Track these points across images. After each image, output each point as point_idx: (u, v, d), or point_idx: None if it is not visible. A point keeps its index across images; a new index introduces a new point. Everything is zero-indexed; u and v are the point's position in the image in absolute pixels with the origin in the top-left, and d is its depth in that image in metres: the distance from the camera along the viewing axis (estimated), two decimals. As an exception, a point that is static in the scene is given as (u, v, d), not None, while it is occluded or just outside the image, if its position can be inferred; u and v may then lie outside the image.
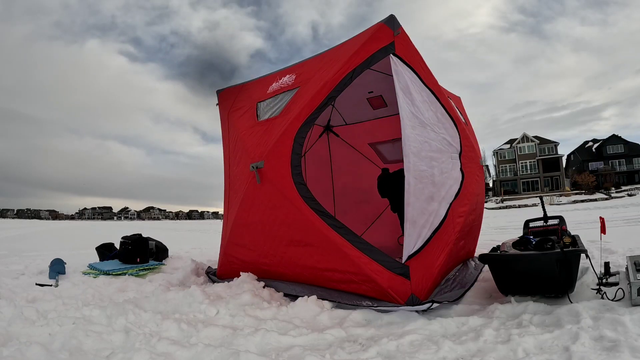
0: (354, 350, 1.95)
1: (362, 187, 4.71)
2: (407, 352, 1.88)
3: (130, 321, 2.29)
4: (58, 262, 4.11)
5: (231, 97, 3.82)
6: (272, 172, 2.85)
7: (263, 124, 3.16)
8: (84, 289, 3.28)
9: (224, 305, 2.57)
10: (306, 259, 2.87)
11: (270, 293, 2.88)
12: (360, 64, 2.72)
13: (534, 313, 2.23)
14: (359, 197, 4.62)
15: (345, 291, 2.72)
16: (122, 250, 4.22)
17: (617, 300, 2.20)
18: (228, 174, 3.65)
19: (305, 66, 3.25)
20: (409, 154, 2.50)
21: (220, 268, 3.54)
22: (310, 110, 2.79)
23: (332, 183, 4.76)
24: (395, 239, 3.88)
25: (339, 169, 4.79)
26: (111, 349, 1.99)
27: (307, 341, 2.07)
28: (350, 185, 4.71)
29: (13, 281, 3.58)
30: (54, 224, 30.46)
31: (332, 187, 4.74)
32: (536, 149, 51.36)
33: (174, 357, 1.89)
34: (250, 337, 2.09)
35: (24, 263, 4.86)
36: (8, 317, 2.38)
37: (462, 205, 2.90)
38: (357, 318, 2.39)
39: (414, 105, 2.61)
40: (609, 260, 2.64)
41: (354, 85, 2.78)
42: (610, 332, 1.79)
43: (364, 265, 2.58)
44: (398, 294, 2.46)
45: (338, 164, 4.81)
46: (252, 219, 3.15)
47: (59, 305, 2.65)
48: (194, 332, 2.19)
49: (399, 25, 2.72)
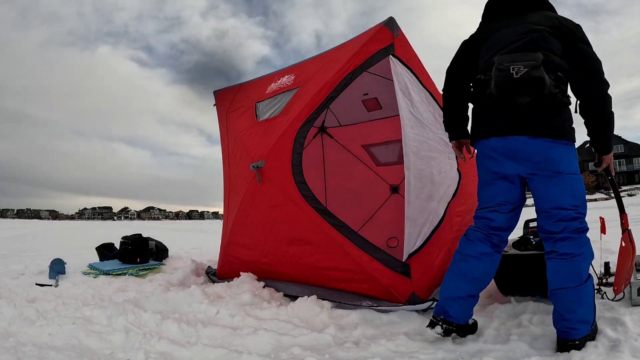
0: (353, 350, 1.95)
1: (354, 189, 4.70)
2: (406, 352, 1.88)
3: (130, 321, 2.29)
4: (58, 262, 4.11)
5: (229, 98, 3.82)
6: (272, 172, 2.85)
7: (262, 124, 3.16)
8: (84, 289, 3.29)
9: (224, 305, 2.57)
10: (307, 257, 2.87)
11: (270, 293, 2.88)
12: (360, 65, 2.72)
13: (534, 313, 2.23)
14: (350, 198, 4.60)
15: (346, 290, 2.72)
16: (122, 250, 4.22)
17: (617, 300, 2.20)
18: (227, 174, 3.66)
19: (305, 67, 3.25)
20: (408, 152, 2.51)
21: (220, 268, 3.54)
22: (310, 110, 2.79)
23: (325, 184, 4.76)
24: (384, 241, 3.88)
25: (331, 170, 4.78)
26: (111, 349, 1.99)
27: (307, 341, 2.07)
28: (342, 187, 4.69)
29: (13, 281, 3.58)
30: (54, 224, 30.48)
31: (325, 188, 4.74)
32: (536, 149, 51.33)
33: (173, 356, 1.89)
34: (250, 337, 2.09)
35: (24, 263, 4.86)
36: (8, 317, 2.39)
37: (460, 204, 2.91)
38: (357, 318, 2.39)
39: (412, 106, 2.62)
40: (609, 260, 2.64)
41: (349, 87, 2.79)
42: (611, 332, 1.79)
43: (365, 264, 2.59)
44: (399, 292, 2.47)
45: (331, 165, 4.80)
46: (253, 219, 3.15)
47: (59, 305, 2.66)
48: (193, 332, 2.19)
49: (398, 27, 2.73)
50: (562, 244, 1.77)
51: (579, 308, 1.71)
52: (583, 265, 1.75)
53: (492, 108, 1.86)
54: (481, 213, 2.01)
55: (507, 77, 1.72)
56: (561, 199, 1.78)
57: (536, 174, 1.81)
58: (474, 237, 1.99)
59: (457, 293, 1.94)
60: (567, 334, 1.73)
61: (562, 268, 1.75)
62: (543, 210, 1.83)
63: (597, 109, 1.82)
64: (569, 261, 1.74)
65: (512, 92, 1.73)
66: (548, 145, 1.76)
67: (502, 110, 1.81)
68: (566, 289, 1.73)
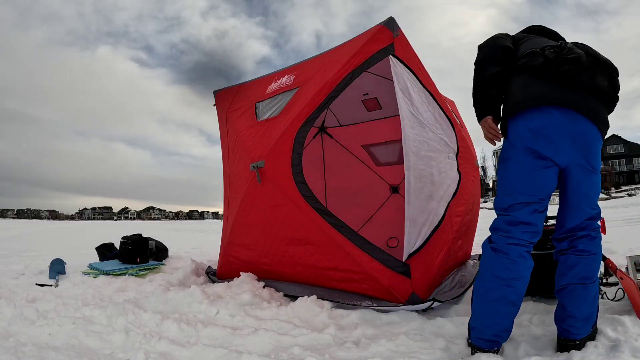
0: (353, 350, 1.95)
1: (354, 189, 4.71)
2: (406, 352, 1.88)
3: (130, 321, 2.29)
4: (58, 262, 4.11)
5: (229, 98, 3.82)
6: (272, 172, 2.85)
7: (262, 124, 3.16)
8: (84, 289, 3.29)
9: (224, 305, 2.57)
10: (307, 257, 2.87)
11: (270, 293, 2.88)
12: (360, 65, 2.72)
13: (534, 313, 2.23)
14: (350, 198, 4.61)
15: (346, 290, 2.72)
16: (122, 250, 4.22)
17: (617, 300, 2.20)
18: (227, 174, 3.65)
19: (305, 67, 3.25)
20: (408, 152, 2.50)
21: (220, 268, 3.54)
22: (310, 110, 2.79)
23: (325, 184, 4.76)
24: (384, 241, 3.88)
25: (331, 170, 4.79)
26: (111, 349, 1.99)
27: (307, 341, 2.07)
28: (342, 187, 4.70)
29: (13, 281, 3.58)
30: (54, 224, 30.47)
31: (325, 188, 4.74)
32: (536, 149, 51.27)
33: (173, 356, 1.89)
34: (250, 337, 2.09)
35: (24, 263, 4.87)
36: (8, 317, 2.39)
37: (459, 205, 2.91)
38: (357, 318, 2.39)
39: (412, 106, 2.61)
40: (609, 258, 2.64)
41: (349, 87, 2.79)
42: (611, 332, 1.79)
43: (365, 264, 2.59)
44: (399, 292, 2.47)
45: (331, 165, 4.81)
46: (253, 219, 3.15)
47: (59, 305, 2.66)
48: (193, 332, 2.19)
49: (398, 27, 2.72)
50: (582, 241, 1.74)
51: (585, 306, 1.71)
52: (596, 265, 1.75)
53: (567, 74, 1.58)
54: (518, 215, 1.67)
55: (580, 55, 1.55)
56: (594, 197, 1.75)
57: (581, 166, 1.65)
58: (515, 254, 1.67)
59: (510, 320, 1.72)
60: (568, 333, 1.72)
61: (578, 264, 1.73)
62: (578, 207, 1.71)
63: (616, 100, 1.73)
64: (585, 258, 1.72)
65: (591, 71, 1.58)
66: (598, 137, 1.65)
67: (583, 79, 1.58)
68: (578, 285, 1.71)
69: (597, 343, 1.70)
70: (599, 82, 1.61)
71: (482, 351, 1.69)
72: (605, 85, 1.62)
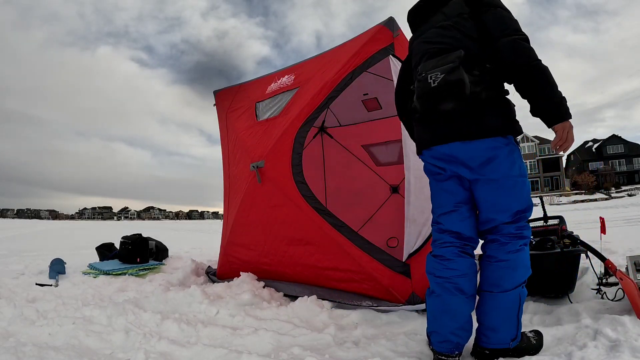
0: (353, 350, 1.95)
1: (354, 189, 4.71)
2: (406, 352, 1.88)
3: (130, 321, 2.29)
4: (58, 262, 4.12)
5: (229, 98, 3.82)
6: (272, 172, 2.85)
7: (262, 124, 3.16)
8: (84, 289, 3.29)
9: (224, 305, 2.57)
10: (307, 257, 2.87)
11: (270, 293, 2.88)
12: (360, 65, 2.72)
13: (534, 313, 2.23)
14: (350, 199, 4.61)
15: (346, 290, 2.72)
16: (122, 250, 4.23)
17: (617, 300, 2.20)
18: (227, 174, 3.66)
19: (305, 67, 3.25)
20: (409, 153, 2.51)
21: (220, 268, 3.54)
22: (310, 110, 2.79)
23: (325, 184, 4.76)
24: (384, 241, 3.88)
25: (331, 171, 4.79)
26: (111, 349, 1.99)
27: (307, 341, 2.07)
28: (343, 187, 4.70)
29: (13, 281, 3.58)
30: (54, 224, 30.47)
31: (325, 188, 4.74)
32: (536, 149, 51.38)
33: (173, 356, 1.89)
34: (250, 337, 2.09)
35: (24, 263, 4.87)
36: (8, 317, 2.39)
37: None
38: (357, 318, 2.39)
39: (413, 106, 2.61)
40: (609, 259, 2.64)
41: (349, 87, 2.79)
42: (611, 332, 1.79)
43: (365, 264, 2.59)
44: (399, 292, 2.47)
45: (331, 165, 4.81)
46: (253, 219, 3.15)
47: (59, 305, 2.66)
48: (193, 332, 2.19)
49: (398, 27, 2.73)
50: (490, 247, 1.70)
51: (493, 315, 1.66)
52: (506, 272, 1.65)
53: (419, 121, 1.79)
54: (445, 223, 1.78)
55: (426, 88, 1.64)
56: (503, 204, 1.66)
57: (479, 179, 1.68)
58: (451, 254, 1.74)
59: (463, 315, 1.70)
60: (478, 339, 1.70)
61: (485, 270, 1.69)
62: (482, 212, 1.73)
63: (517, 62, 1.54)
64: (493, 265, 1.67)
65: (433, 102, 1.64)
66: (486, 146, 1.63)
67: (430, 121, 1.72)
68: (485, 292, 1.68)
69: (597, 343, 1.70)
70: (445, 108, 1.63)
71: (443, 356, 1.68)
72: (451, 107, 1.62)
